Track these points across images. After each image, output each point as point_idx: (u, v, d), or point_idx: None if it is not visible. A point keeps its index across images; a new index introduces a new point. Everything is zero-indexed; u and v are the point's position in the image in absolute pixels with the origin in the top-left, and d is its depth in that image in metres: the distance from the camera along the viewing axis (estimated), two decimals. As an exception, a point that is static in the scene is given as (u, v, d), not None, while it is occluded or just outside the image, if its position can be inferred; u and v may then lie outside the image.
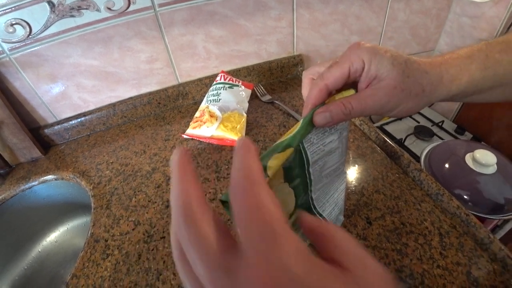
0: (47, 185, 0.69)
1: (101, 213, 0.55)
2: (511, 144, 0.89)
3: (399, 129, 1.02)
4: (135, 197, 0.57)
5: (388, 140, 0.60)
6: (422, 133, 0.96)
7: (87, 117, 0.74)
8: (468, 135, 0.98)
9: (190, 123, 0.65)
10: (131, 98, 0.76)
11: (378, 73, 0.27)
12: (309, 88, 0.30)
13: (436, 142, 0.84)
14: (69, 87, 0.69)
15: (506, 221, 0.74)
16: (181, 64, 0.75)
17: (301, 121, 0.28)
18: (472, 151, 0.73)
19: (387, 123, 1.05)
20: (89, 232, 0.52)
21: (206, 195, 0.54)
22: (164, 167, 0.61)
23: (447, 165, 0.75)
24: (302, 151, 0.28)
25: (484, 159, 0.69)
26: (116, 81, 0.73)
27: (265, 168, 0.25)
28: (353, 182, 0.54)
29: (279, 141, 0.27)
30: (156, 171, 0.61)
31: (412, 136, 0.97)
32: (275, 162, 0.25)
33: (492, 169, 0.70)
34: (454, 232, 0.45)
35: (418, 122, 1.02)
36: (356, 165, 0.57)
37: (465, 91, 0.29)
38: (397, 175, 0.55)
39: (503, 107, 0.92)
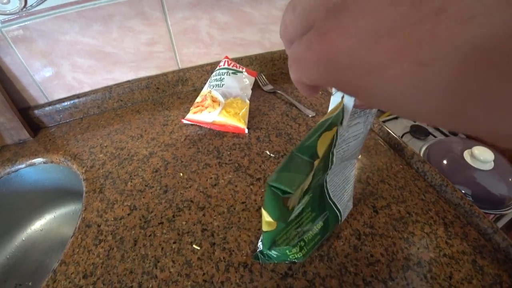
0: (34, 169, 0.65)
1: (93, 197, 0.52)
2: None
3: (395, 128, 1.03)
4: (131, 181, 0.54)
5: (391, 132, 0.60)
6: (418, 132, 0.97)
7: (81, 99, 0.71)
8: (461, 135, 1.00)
9: (191, 108, 0.63)
10: (128, 81, 0.73)
11: None
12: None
13: (432, 140, 0.85)
14: (63, 66, 0.66)
15: (499, 217, 0.75)
16: (183, 49, 0.73)
17: (341, 100, 0.26)
18: (469, 148, 0.74)
19: (383, 121, 1.06)
20: (80, 217, 0.49)
21: (207, 180, 0.53)
22: (163, 151, 0.59)
23: (445, 161, 0.76)
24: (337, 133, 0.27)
25: (482, 156, 0.71)
26: (114, 62, 0.70)
27: (314, 150, 0.23)
28: (358, 171, 0.53)
29: (322, 119, 0.25)
30: (153, 155, 0.59)
31: (408, 134, 0.98)
32: (323, 142, 0.24)
33: (489, 166, 0.72)
34: (458, 222, 0.45)
35: (414, 121, 1.03)
36: (360, 155, 0.56)
37: None
38: (401, 166, 0.55)
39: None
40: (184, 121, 0.63)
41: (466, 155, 0.73)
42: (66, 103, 0.70)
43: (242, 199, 0.48)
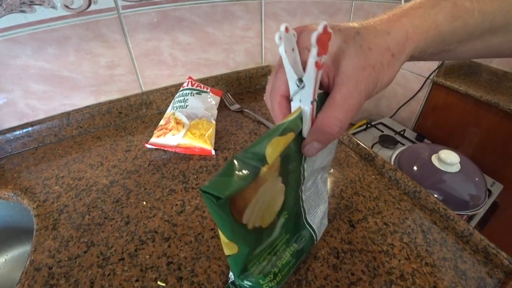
0: (-20, 208, 0.58)
1: (45, 235, 0.46)
2: (467, 147, 0.95)
3: (364, 139, 1.04)
4: (89, 214, 0.49)
5: (361, 144, 0.60)
6: (387, 141, 0.99)
7: (35, 127, 0.65)
8: (427, 142, 1.03)
9: (154, 132, 0.60)
10: (88, 106, 0.69)
11: (333, 57, 0.22)
12: (270, 105, 0.26)
13: (400, 148, 0.86)
14: (14, 92, 0.61)
15: (471, 217, 0.77)
16: (145, 71, 0.70)
17: (299, 107, 0.24)
18: (436, 152, 0.76)
19: (353, 134, 1.07)
20: (28, 260, 0.43)
21: (172, 207, 0.49)
22: (124, 179, 0.55)
23: (415, 167, 0.77)
24: (300, 143, 0.25)
25: (448, 158, 0.73)
26: (72, 87, 0.66)
27: (262, 156, 0.21)
28: (331, 186, 0.51)
29: (277, 124, 0.23)
30: (114, 184, 0.54)
31: (378, 144, 0.99)
32: (275, 147, 0.21)
33: (456, 168, 0.74)
34: (436, 227, 0.44)
35: (382, 132, 1.06)
36: (332, 169, 0.55)
37: (433, 45, 0.25)
38: (373, 176, 0.54)
39: (456, 113, 0.99)
40: (148, 146, 0.59)
41: (434, 159, 0.75)
42: (18, 132, 0.64)
43: (211, 225, 0.45)
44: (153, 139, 0.59)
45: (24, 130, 0.64)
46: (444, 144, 1.02)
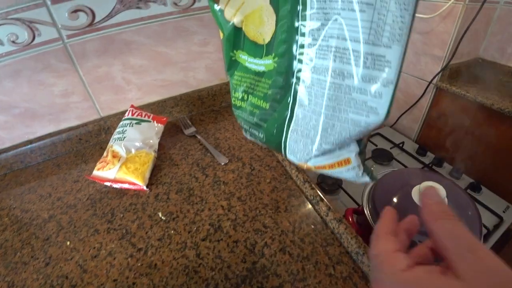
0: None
1: (-18, 270, 0.49)
2: (475, 163, 0.81)
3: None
4: (21, 252, 0.51)
5: (308, 180, 0.53)
6: (380, 157, 0.88)
7: (2, 155, 0.69)
8: (430, 156, 0.90)
9: (97, 164, 0.59)
10: (49, 134, 0.71)
11: None
12: None
13: (384, 171, 0.76)
14: (-25, 125, 0.65)
15: None
16: (100, 97, 0.70)
17: None
18: (419, 183, 0.65)
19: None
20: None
21: (90, 250, 0.48)
22: (62, 214, 0.56)
23: (395, 200, 0.67)
24: None
25: None
26: (31, 116, 0.68)
27: None
28: (251, 239, 0.46)
29: None
30: (52, 219, 0.55)
31: (370, 160, 0.89)
32: None
33: None
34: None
35: (376, 146, 0.94)
36: (264, 215, 0.50)
37: None
38: (312, 226, 0.48)
39: (463, 122, 0.85)
40: (90, 178, 0.60)
41: (415, 193, 0.64)
42: (-13, 161, 0.69)
43: (115, 276, 0.44)
44: (94, 172, 0.59)
45: (-8, 158, 0.68)
46: (449, 160, 0.89)
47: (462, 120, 0.84)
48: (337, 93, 0.22)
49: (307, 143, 0.25)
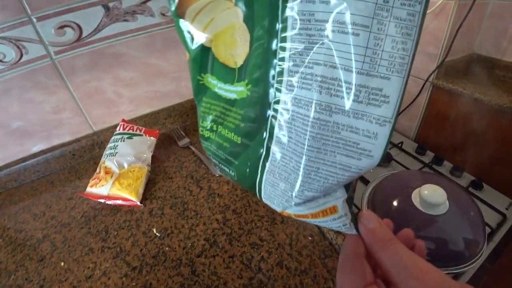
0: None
1: (-24, 294, 0.48)
2: (476, 160, 0.80)
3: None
4: (15, 274, 0.50)
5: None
6: (379, 158, 0.87)
7: (-5, 174, 0.68)
8: (430, 155, 0.89)
9: (90, 180, 0.59)
10: (42, 151, 0.70)
11: None
12: None
13: (378, 178, 0.74)
14: (-34, 146, 0.64)
15: (460, 274, 0.63)
16: (92, 111, 0.70)
17: None
18: (420, 186, 0.63)
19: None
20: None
21: (84, 270, 0.47)
22: (56, 233, 0.55)
23: (395, 204, 0.65)
24: None
25: (432, 197, 0.59)
26: (22, 134, 0.67)
27: None
28: (247, 253, 0.45)
29: None
30: (46, 239, 0.54)
31: (369, 163, 0.88)
32: None
33: (443, 208, 0.60)
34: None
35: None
36: (260, 227, 0.49)
37: None
38: (310, 238, 0.47)
39: (462, 120, 0.83)
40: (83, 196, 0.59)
41: (415, 197, 0.62)
42: (-19, 181, 0.68)
43: (109, 298, 0.43)
44: (88, 189, 0.58)
45: (-16, 179, 0.68)
46: (450, 158, 0.87)
47: (460, 117, 0.82)
48: (323, 131, 0.18)
49: (286, 188, 0.21)
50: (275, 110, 0.21)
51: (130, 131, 0.62)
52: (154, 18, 0.65)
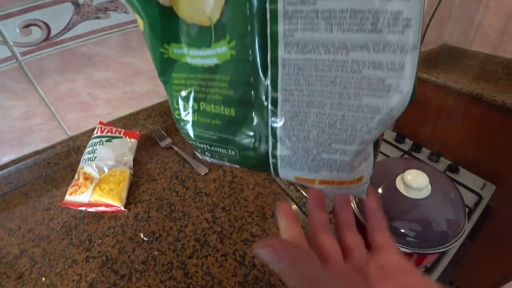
0: None
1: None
2: (451, 145, 0.83)
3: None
4: (-9, 294, 0.46)
5: (293, 182, 0.52)
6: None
7: (-39, 189, 0.63)
8: (408, 143, 0.92)
9: (68, 188, 0.55)
10: (13, 160, 0.66)
11: None
12: None
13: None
14: None
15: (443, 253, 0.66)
16: (66, 115, 0.66)
17: None
18: (403, 172, 0.65)
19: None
20: None
21: (69, 284, 0.45)
22: (35, 247, 0.52)
23: (380, 191, 0.67)
24: None
25: (415, 182, 0.61)
26: (-10, 145, 0.63)
27: None
28: (240, 250, 0.45)
29: None
30: (23, 255, 0.51)
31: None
32: None
33: (425, 192, 0.63)
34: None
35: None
36: (251, 223, 0.48)
37: None
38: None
39: (437, 108, 0.87)
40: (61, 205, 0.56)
41: (399, 182, 0.64)
42: None
43: (98, 309, 0.41)
44: (66, 197, 0.55)
45: (-52, 194, 0.62)
46: (427, 144, 0.91)
47: (435, 105, 0.86)
48: (342, 72, 0.16)
49: (309, 147, 0.18)
50: (274, 63, 0.17)
51: (109, 134, 0.59)
52: (128, 15, 0.62)
